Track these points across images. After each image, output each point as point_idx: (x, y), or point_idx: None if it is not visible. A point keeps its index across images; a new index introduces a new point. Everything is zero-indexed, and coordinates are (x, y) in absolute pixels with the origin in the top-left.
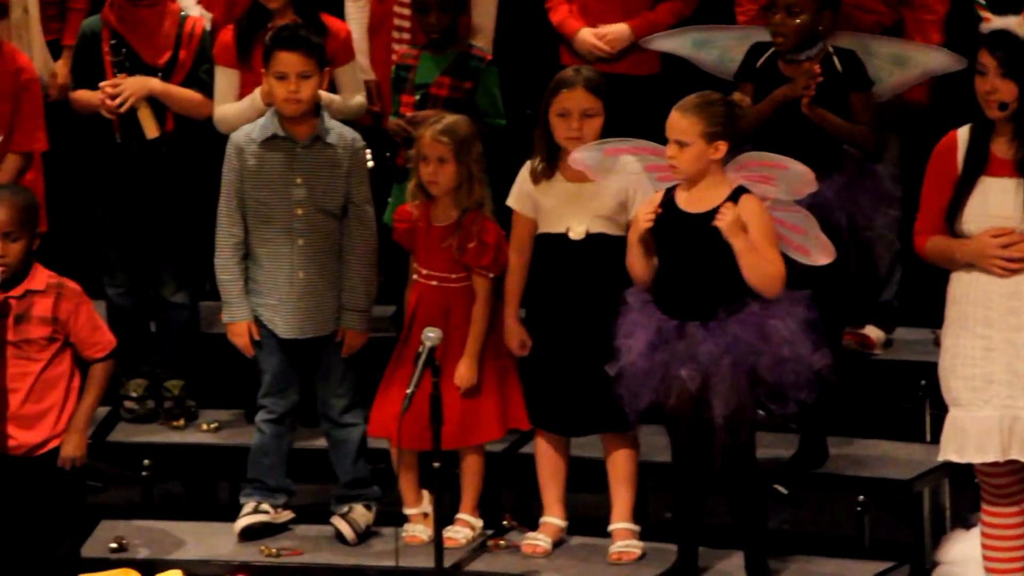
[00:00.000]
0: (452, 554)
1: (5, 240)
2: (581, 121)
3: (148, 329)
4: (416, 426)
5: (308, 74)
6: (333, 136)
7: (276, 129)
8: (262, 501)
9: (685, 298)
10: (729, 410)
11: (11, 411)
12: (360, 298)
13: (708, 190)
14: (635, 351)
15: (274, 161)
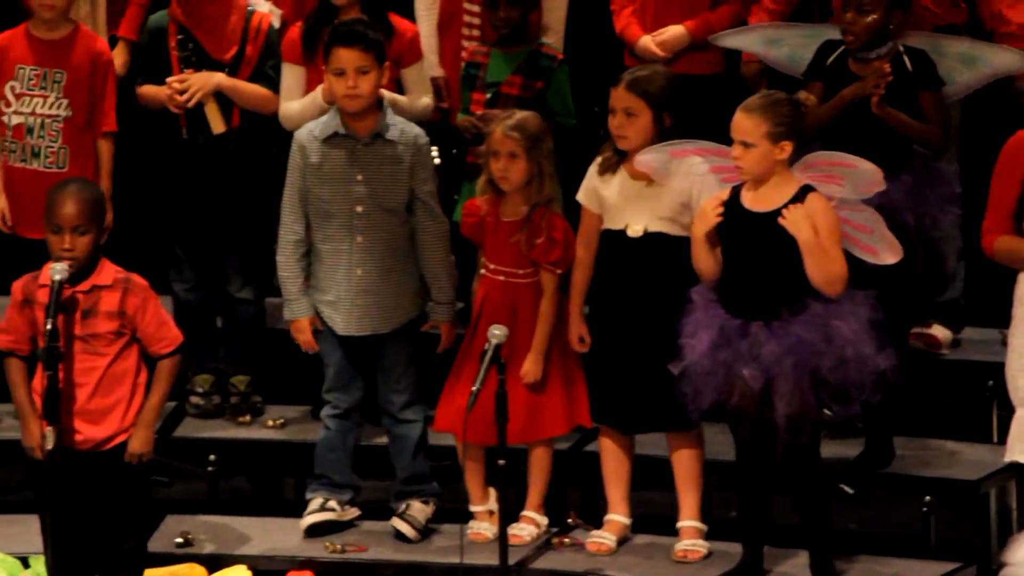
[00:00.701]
0: (517, 551)
1: (73, 234)
2: (624, 119)
3: (214, 325)
4: (482, 421)
5: (366, 69)
6: (395, 132)
7: (338, 127)
8: (329, 498)
9: (749, 297)
10: (791, 410)
11: (78, 406)
12: (446, 290)
13: (774, 189)
14: (698, 350)
15: (335, 159)
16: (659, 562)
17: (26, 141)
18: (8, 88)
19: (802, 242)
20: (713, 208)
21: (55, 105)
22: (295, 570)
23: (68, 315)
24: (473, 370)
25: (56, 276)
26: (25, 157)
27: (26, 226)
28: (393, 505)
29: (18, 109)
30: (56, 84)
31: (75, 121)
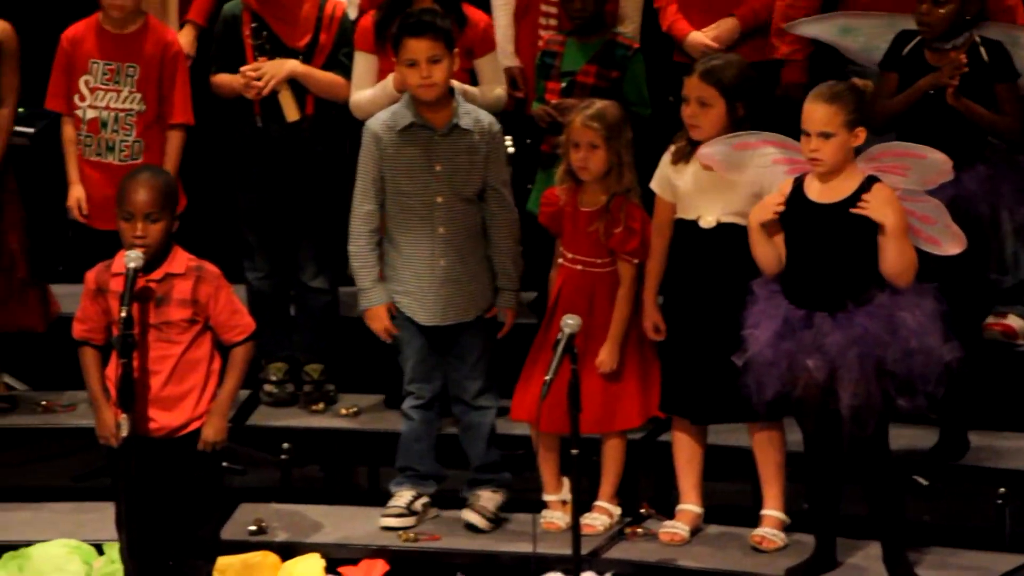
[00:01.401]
0: (589, 541)
1: (146, 221)
2: (698, 108)
3: (288, 313)
4: (557, 410)
5: (438, 58)
6: (469, 121)
7: (413, 117)
8: (415, 498)
9: (813, 288)
10: (856, 401)
11: (152, 393)
12: (513, 278)
13: (840, 180)
14: (761, 341)
15: (413, 150)
16: (732, 552)
17: (101, 135)
18: (82, 82)
19: (890, 227)
20: (774, 201)
21: (129, 99)
22: (368, 558)
23: (142, 303)
24: (548, 359)
25: (131, 264)
26: (100, 151)
27: (102, 218)
28: (466, 494)
29: (92, 103)
30: (129, 78)
31: (148, 114)
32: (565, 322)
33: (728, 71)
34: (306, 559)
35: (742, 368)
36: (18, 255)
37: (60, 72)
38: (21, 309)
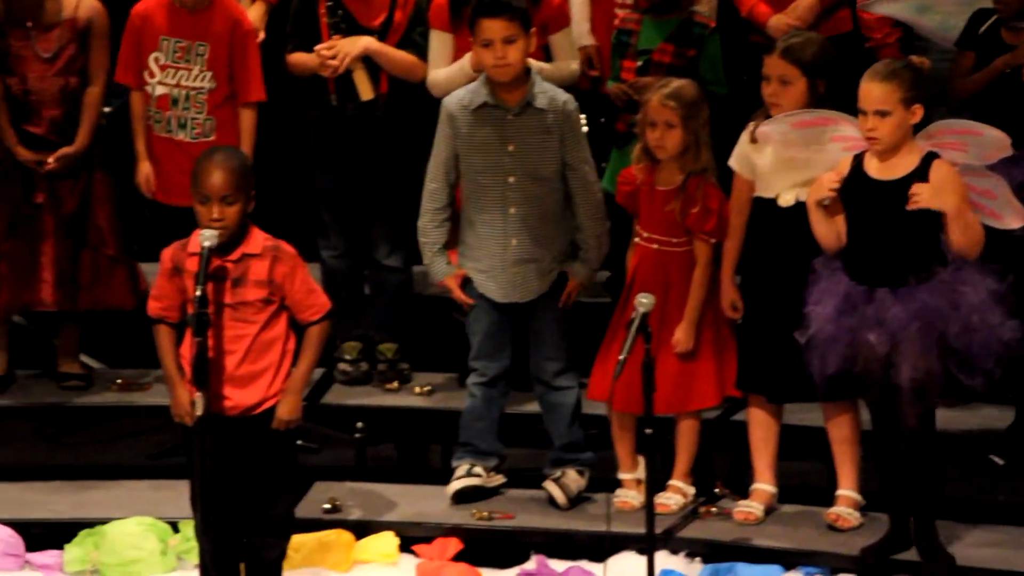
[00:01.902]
0: (663, 520)
1: (221, 203)
2: (779, 86)
3: (362, 292)
4: (631, 390)
5: (513, 38)
6: (543, 100)
7: (487, 97)
8: (474, 464)
9: (875, 265)
10: (917, 374)
11: (227, 372)
12: (591, 253)
13: (900, 157)
14: (823, 316)
15: (486, 129)
16: (806, 531)
17: (171, 112)
18: (152, 59)
19: (950, 210)
20: (830, 180)
21: (199, 77)
22: (442, 537)
23: (218, 283)
24: (624, 339)
25: (205, 243)
26: (171, 128)
27: (174, 195)
28: (547, 471)
29: (162, 80)
30: (200, 56)
31: (219, 92)
32: (639, 301)
33: (809, 49)
34: (380, 537)
35: (804, 345)
36: (107, 232)
37: (130, 46)
38: (111, 287)
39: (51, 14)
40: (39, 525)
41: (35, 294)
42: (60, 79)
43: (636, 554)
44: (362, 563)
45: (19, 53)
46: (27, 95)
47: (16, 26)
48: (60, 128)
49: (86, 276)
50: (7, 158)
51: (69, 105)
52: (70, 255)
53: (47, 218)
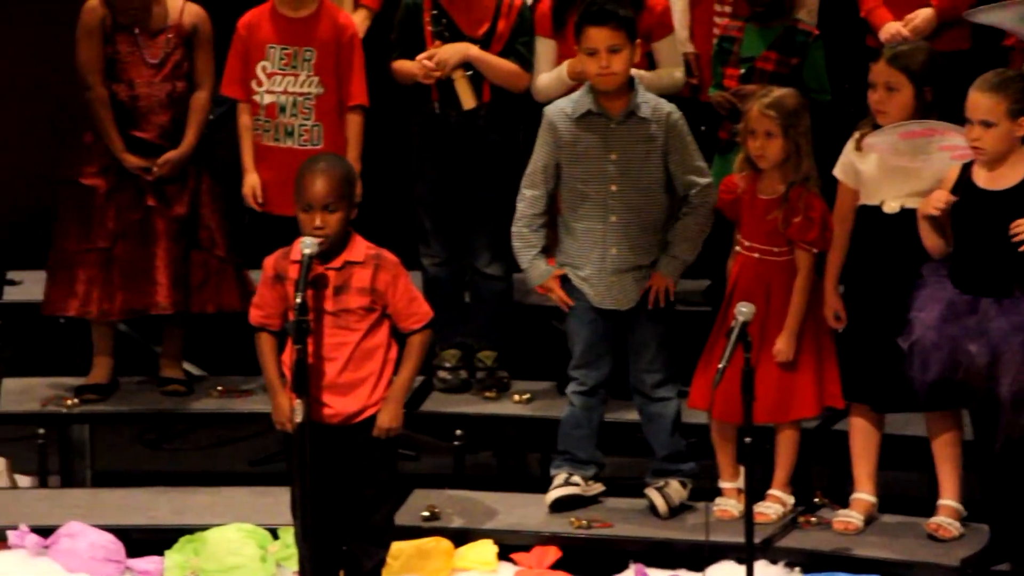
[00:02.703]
0: (763, 530)
1: (324, 211)
2: (885, 94)
3: (463, 300)
4: (731, 399)
5: (618, 48)
6: (647, 110)
7: (590, 105)
8: (573, 473)
9: (980, 274)
10: (1018, 387)
11: (328, 380)
12: (686, 250)
13: (1009, 168)
14: (926, 323)
15: (588, 138)
16: (906, 541)
17: (279, 120)
18: (259, 68)
19: None
20: (939, 199)
21: (306, 83)
22: (540, 545)
23: (320, 291)
24: (724, 347)
25: (306, 250)
26: (279, 136)
27: (280, 204)
28: (649, 480)
29: (270, 88)
30: (306, 62)
31: (327, 98)
32: (739, 310)
33: (916, 56)
34: (479, 545)
35: (906, 351)
36: (217, 234)
37: (236, 58)
38: (222, 288)
39: (157, 20)
40: (140, 531)
41: (151, 298)
42: (167, 84)
43: (735, 563)
44: (461, 571)
45: (126, 59)
46: (135, 101)
47: (123, 32)
48: (168, 133)
49: (197, 278)
50: (115, 167)
51: (176, 110)
52: (182, 257)
53: (158, 222)
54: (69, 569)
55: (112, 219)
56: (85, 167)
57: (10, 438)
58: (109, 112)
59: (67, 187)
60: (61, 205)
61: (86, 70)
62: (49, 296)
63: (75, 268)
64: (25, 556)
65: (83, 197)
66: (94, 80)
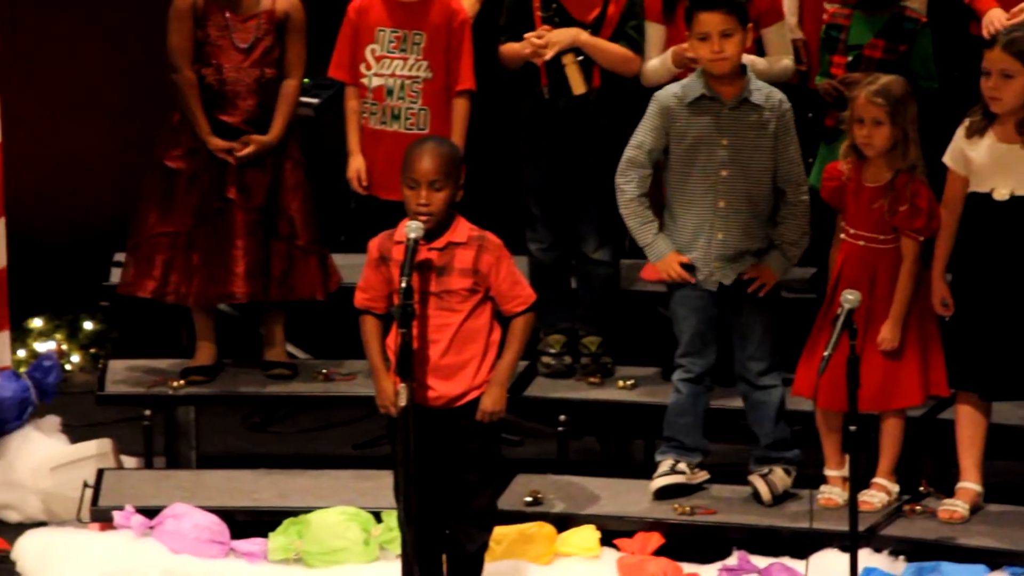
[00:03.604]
0: (867, 518)
1: (429, 189)
2: (999, 80)
3: (568, 285)
4: (836, 387)
5: (730, 32)
6: (759, 97)
7: (703, 89)
8: (678, 460)
9: None
10: None
11: (432, 363)
12: (790, 245)
13: None
14: None
15: (700, 122)
16: (1013, 530)
17: (386, 103)
18: (368, 51)
19: None
20: None
21: (415, 67)
22: (644, 531)
23: (423, 273)
24: (829, 335)
25: (411, 234)
26: (385, 119)
27: (385, 188)
28: (753, 467)
29: (378, 71)
30: (416, 46)
31: (435, 82)
32: (845, 298)
33: None
34: (581, 531)
35: None
36: (299, 223)
37: (346, 42)
38: (302, 278)
39: (249, 5)
40: (244, 513)
41: (227, 287)
42: (255, 70)
43: (839, 551)
44: (563, 556)
45: (216, 43)
46: (222, 85)
47: (214, 16)
48: (254, 118)
49: (278, 267)
50: (200, 151)
51: (263, 96)
52: (262, 246)
53: (237, 212)
54: (174, 550)
55: (193, 203)
56: (171, 149)
57: (116, 420)
58: (197, 95)
59: (152, 168)
60: (145, 186)
61: (175, 53)
62: (127, 276)
63: (154, 250)
64: (130, 537)
65: (167, 179)
66: (183, 63)
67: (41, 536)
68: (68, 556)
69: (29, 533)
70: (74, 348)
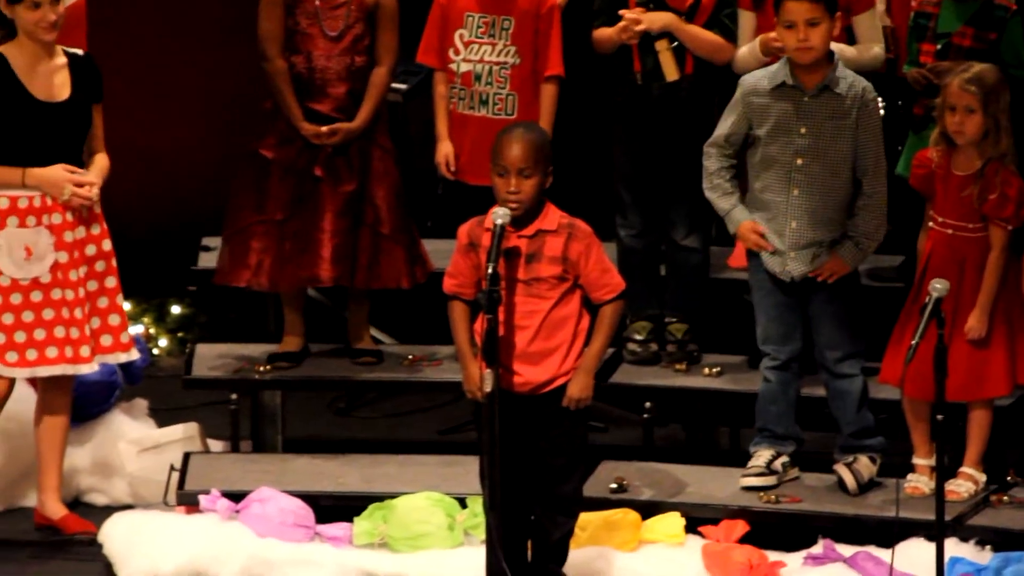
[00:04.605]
0: (953, 507)
1: (519, 177)
2: None
3: (657, 272)
4: (923, 376)
5: (817, 21)
6: (842, 86)
7: (786, 77)
8: (774, 456)
9: None
10: None
11: (519, 349)
12: (865, 241)
13: None
14: None
15: (780, 109)
16: None
17: (474, 88)
18: (457, 36)
19: None
20: None
21: (503, 52)
22: (729, 519)
23: (512, 259)
24: (916, 324)
25: (498, 220)
26: (473, 104)
27: (473, 173)
28: (837, 456)
29: (466, 57)
30: (504, 31)
31: (523, 68)
32: (933, 286)
33: None
34: (666, 518)
35: None
36: (384, 211)
37: (434, 27)
38: (387, 266)
39: None
40: (329, 497)
41: (313, 270)
42: (345, 57)
43: (925, 541)
44: (648, 543)
45: (306, 31)
46: (312, 73)
47: (304, 4)
48: (344, 106)
49: (364, 255)
50: (293, 140)
51: (354, 83)
52: (349, 233)
53: (326, 196)
54: (259, 534)
55: (287, 191)
56: (264, 138)
57: (203, 403)
58: (288, 83)
59: (245, 157)
60: (239, 174)
61: (266, 41)
62: (223, 266)
63: (249, 239)
64: (217, 520)
65: (260, 167)
66: (273, 52)
67: (127, 519)
68: (154, 539)
69: (116, 516)
70: (162, 332)
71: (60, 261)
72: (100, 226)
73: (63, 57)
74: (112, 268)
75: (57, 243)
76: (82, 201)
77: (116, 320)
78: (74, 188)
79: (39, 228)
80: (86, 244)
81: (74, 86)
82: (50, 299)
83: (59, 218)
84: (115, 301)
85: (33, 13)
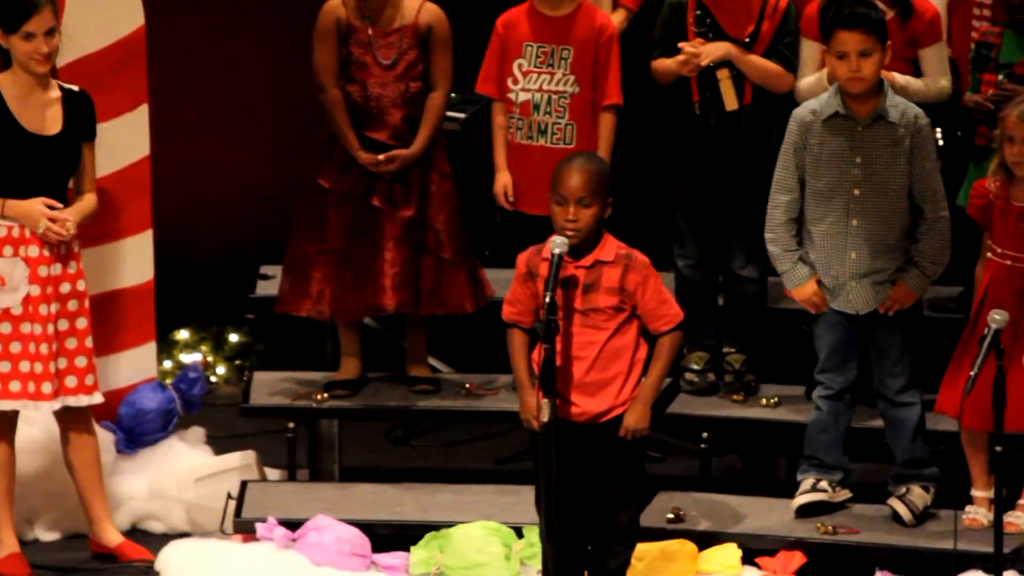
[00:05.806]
0: (1012, 540)
1: (577, 206)
2: None
3: (715, 302)
4: (981, 407)
5: (868, 51)
6: (895, 114)
7: (838, 107)
8: (820, 479)
9: None
10: None
11: (576, 379)
12: (930, 269)
13: None
14: None
15: (834, 140)
16: None
17: (533, 118)
18: (515, 66)
19: None
20: None
21: (562, 81)
22: (786, 550)
23: (569, 289)
24: (975, 355)
25: (556, 249)
26: (532, 134)
27: (531, 203)
28: (891, 488)
29: (525, 86)
30: (563, 61)
31: (581, 97)
32: (992, 317)
33: None
34: (723, 549)
35: None
36: (444, 236)
37: (493, 56)
38: (450, 291)
39: (390, 20)
40: (386, 526)
41: (376, 299)
42: (400, 84)
43: (983, 573)
44: (704, 574)
45: (360, 60)
46: (368, 101)
47: (357, 33)
48: (401, 133)
49: (427, 281)
50: (351, 168)
51: (410, 110)
52: (410, 260)
53: (386, 224)
54: (315, 562)
55: (346, 220)
56: (322, 167)
57: (260, 431)
58: (344, 113)
59: (304, 186)
60: (298, 204)
61: (321, 72)
62: (284, 296)
63: (310, 268)
64: (273, 548)
65: (319, 197)
66: (328, 82)
67: (185, 547)
68: (211, 567)
69: (173, 544)
70: (219, 360)
71: (32, 294)
72: (77, 265)
73: (57, 91)
74: (84, 309)
75: (32, 276)
76: (56, 237)
77: (83, 362)
78: (48, 223)
79: (15, 259)
80: (61, 281)
81: (66, 121)
82: (19, 332)
83: (36, 251)
84: (83, 343)
85: (27, 44)
